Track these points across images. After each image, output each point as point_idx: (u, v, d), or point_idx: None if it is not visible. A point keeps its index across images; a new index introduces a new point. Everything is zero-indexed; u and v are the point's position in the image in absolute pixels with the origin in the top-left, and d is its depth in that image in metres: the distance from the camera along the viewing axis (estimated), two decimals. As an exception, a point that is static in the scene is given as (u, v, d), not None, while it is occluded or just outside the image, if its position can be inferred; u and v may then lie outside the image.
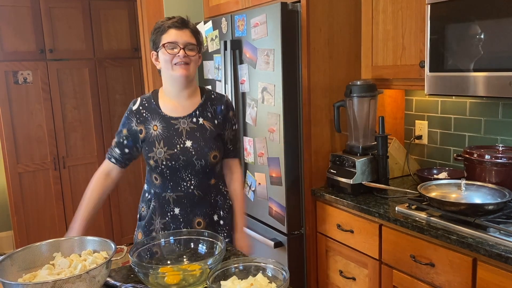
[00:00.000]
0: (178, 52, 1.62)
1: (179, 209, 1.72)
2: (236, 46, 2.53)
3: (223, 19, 2.62)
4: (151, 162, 1.68)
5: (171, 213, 1.73)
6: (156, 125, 1.69)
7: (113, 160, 1.76)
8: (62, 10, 3.67)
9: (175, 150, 1.66)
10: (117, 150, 1.75)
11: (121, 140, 1.74)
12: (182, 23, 1.65)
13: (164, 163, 1.66)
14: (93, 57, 3.83)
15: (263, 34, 2.31)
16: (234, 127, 1.81)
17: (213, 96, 1.76)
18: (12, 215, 3.65)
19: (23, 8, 3.52)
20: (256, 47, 2.38)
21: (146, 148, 1.69)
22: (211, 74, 2.84)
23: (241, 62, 2.52)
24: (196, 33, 1.68)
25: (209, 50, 2.81)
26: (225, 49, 2.56)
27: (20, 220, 3.65)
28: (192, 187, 1.70)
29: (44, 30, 3.61)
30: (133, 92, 4.04)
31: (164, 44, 1.62)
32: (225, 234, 1.80)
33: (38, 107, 3.64)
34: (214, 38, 2.74)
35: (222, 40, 2.59)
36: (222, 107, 1.75)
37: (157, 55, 1.68)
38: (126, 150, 1.74)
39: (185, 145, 1.67)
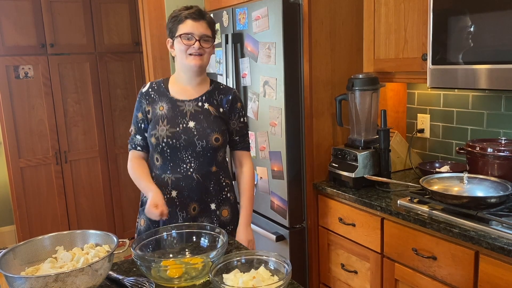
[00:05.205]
0: (194, 44, 1.66)
1: (176, 192, 1.73)
2: (237, 40, 2.52)
3: (224, 12, 2.61)
4: (153, 139, 1.71)
5: (168, 195, 1.73)
6: (162, 106, 1.74)
7: (138, 148, 1.79)
8: (62, 4, 3.65)
9: (177, 129, 1.70)
10: (138, 137, 1.78)
11: (139, 125, 1.77)
12: (199, 14, 1.68)
13: (165, 140, 1.69)
14: (94, 52, 3.82)
15: (265, 27, 2.29)
16: (242, 119, 1.82)
17: (221, 87, 1.81)
18: (14, 209, 3.65)
19: (24, 2, 3.51)
20: (257, 40, 2.37)
21: (150, 127, 1.73)
22: (212, 68, 2.83)
23: (243, 56, 2.51)
24: (211, 24, 1.72)
25: (210, 44, 2.80)
26: (226, 42, 2.55)
27: (23, 214, 3.66)
28: (191, 169, 1.72)
29: (45, 25, 3.60)
30: (134, 86, 4.03)
31: (180, 34, 1.66)
32: (218, 224, 1.79)
33: (40, 102, 3.64)
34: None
35: (223, 34, 2.58)
36: (230, 97, 1.78)
37: (173, 42, 1.72)
38: (146, 134, 1.77)
39: (188, 125, 1.71)
